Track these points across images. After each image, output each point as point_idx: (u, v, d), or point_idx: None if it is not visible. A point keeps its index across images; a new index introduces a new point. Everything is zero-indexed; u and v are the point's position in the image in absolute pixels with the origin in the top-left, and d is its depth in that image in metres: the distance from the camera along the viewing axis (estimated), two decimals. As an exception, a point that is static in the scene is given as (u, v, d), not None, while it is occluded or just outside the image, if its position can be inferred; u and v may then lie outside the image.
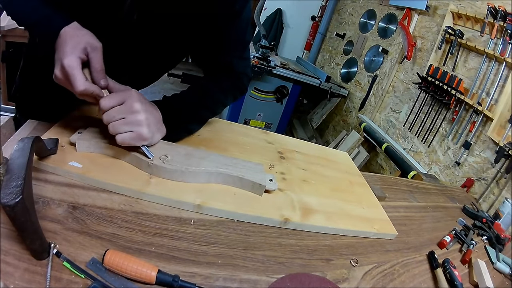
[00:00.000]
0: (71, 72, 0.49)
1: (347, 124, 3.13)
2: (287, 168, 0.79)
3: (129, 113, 0.55)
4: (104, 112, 0.54)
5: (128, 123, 0.55)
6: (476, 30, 1.86)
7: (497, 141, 1.54)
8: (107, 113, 0.54)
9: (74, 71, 0.50)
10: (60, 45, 0.51)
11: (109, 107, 0.54)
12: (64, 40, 0.51)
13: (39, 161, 0.53)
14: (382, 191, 0.88)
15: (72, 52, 0.50)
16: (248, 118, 3.14)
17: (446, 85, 1.90)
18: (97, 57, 0.53)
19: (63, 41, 0.51)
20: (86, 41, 0.52)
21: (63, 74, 0.50)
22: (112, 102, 0.54)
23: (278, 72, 2.89)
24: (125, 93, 0.56)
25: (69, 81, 0.50)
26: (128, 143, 0.56)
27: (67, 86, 0.52)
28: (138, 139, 0.56)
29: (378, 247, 0.67)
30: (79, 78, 0.50)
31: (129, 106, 0.55)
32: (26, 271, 0.37)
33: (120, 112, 0.54)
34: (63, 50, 0.50)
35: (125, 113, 0.55)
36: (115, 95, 0.55)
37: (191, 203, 0.56)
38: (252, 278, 0.48)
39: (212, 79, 0.80)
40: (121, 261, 0.40)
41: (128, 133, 0.55)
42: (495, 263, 0.79)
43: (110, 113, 0.54)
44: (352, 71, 3.23)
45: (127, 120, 0.55)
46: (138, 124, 0.56)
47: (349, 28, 3.44)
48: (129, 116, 0.55)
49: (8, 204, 0.33)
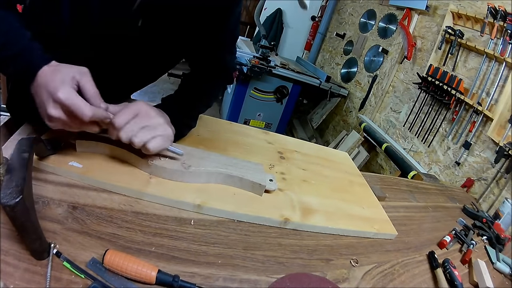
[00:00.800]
0: (72, 102, 0.45)
1: (347, 124, 3.13)
2: (287, 168, 0.79)
3: (148, 120, 0.54)
4: (120, 130, 0.52)
5: (152, 129, 0.54)
6: (476, 30, 1.86)
7: (497, 141, 1.54)
8: (124, 130, 0.52)
9: (75, 100, 0.45)
10: (43, 85, 0.46)
11: (125, 123, 0.52)
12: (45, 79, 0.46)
13: (39, 161, 0.53)
14: (382, 191, 0.88)
15: (63, 84, 0.45)
16: (248, 118, 3.14)
17: (446, 85, 1.90)
18: (89, 81, 0.49)
19: (45, 81, 0.46)
20: (72, 70, 0.48)
21: (62, 109, 0.45)
22: (126, 117, 0.52)
23: (278, 72, 2.89)
24: (133, 106, 0.54)
25: (71, 114, 0.46)
26: (161, 147, 0.55)
27: (68, 124, 0.47)
28: (167, 139, 0.56)
29: (378, 247, 0.67)
30: (83, 104, 0.45)
31: (145, 114, 0.54)
32: (26, 271, 0.37)
33: (138, 123, 0.53)
34: (51, 86, 0.45)
35: (144, 122, 0.53)
36: (125, 110, 0.53)
37: (191, 203, 0.56)
38: (252, 278, 0.48)
39: (205, 75, 0.81)
40: (121, 261, 0.40)
41: (157, 138, 0.54)
42: (495, 263, 0.79)
43: (127, 128, 0.52)
44: (352, 71, 3.23)
45: (150, 127, 0.54)
46: (161, 126, 0.56)
47: (349, 28, 3.44)
48: (150, 123, 0.54)
49: (8, 204, 0.33)
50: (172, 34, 0.70)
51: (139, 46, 0.69)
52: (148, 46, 0.70)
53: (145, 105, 0.56)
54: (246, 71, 2.73)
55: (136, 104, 0.55)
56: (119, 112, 0.53)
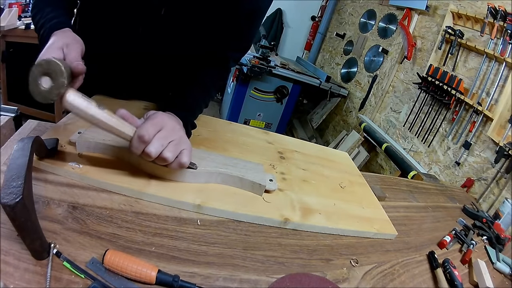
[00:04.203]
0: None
1: (347, 124, 3.13)
2: (287, 168, 0.79)
3: (173, 134, 0.53)
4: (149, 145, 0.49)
5: (179, 143, 0.54)
6: (476, 30, 1.86)
7: (497, 141, 1.54)
8: (153, 144, 0.50)
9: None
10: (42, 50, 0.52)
11: (153, 135, 0.50)
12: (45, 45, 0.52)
13: (39, 161, 0.53)
14: (382, 191, 0.88)
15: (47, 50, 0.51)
16: (248, 118, 3.14)
17: (446, 85, 1.90)
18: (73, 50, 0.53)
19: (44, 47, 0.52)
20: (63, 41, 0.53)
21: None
22: (153, 130, 0.50)
23: (278, 72, 2.89)
24: (157, 119, 0.53)
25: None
26: (190, 160, 0.55)
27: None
28: (191, 153, 0.56)
29: (378, 247, 0.67)
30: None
31: (170, 128, 0.54)
32: (26, 271, 0.37)
33: (166, 137, 0.52)
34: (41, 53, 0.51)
35: (171, 136, 0.53)
36: (151, 123, 0.51)
37: (191, 203, 0.56)
38: (252, 278, 0.48)
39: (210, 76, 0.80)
40: (121, 261, 0.40)
41: (184, 152, 0.54)
42: (495, 263, 0.79)
43: (157, 142, 0.50)
44: (352, 71, 3.23)
45: (176, 141, 0.53)
46: (184, 139, 0.56)
47: (349, 28, 3.44)
48: (176, 137, 0.53)
49: (8, 204, 0.33)
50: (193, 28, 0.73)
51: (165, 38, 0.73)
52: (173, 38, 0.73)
53: (167, 118, 0.56)
54: (246, 71, 2.73)
55: (159, 116, 0.54)
56: (144, 124, 0.51)
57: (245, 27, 0.76)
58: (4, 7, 2.06)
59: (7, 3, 2.16)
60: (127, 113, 0.52)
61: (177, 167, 0.55)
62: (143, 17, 0.70)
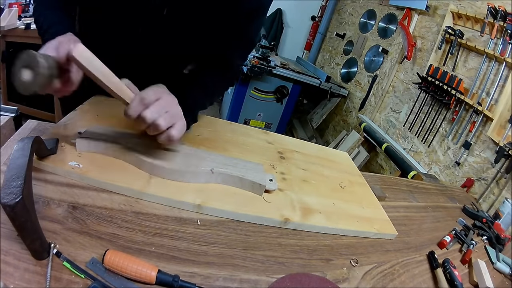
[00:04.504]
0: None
1: (347, 124, 3.13)
2: (287, 168, 0.79)
3: (171, 106, 0.54)
4: (146, 109, 0.51)
5: (173, 116, 0.54)
6: (476, 30, 1.86)
7: (497, 141, 1.54)
8: (150, 109, 0.51)
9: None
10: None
11: (154, 100, 0.51)
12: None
13: (39, 161, 0.53)
14: (382, 191, 0.88)
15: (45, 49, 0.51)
16: (248, 118, 3.14)
17: (446, 85, 1.90)
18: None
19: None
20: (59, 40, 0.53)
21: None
22: (153, 96, 0.51)
23: (278, 72, 2.89)
24: (157, 88, 0.54)
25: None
26: (180, 136, 0.55)
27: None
28: (184, 129, 0.57)
29: (378, 247, 0.67)
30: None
31: (169, 100, 0.55)
32: (26, 271, 0.37)
33: (163, 107, 0.52)
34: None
35: (168, 107, 0.53)
36: (152, 90, 0.53)
37: (191, 203, 0.56)
38: (252, 278, 0.48)
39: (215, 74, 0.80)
40: (121, 261, 0.40)
41: (177, 125, 0.54)
42: (495, 263, 0.79)
43: (154, 108, 0.51)
44: (352, 71, 3.23)
45: (171, 113, 0.54)
46: (180, 115, 0.56)
47: (349, 28, 3.44)
48: (172, 109, 0.54)
49: (8, 204, 0.33)
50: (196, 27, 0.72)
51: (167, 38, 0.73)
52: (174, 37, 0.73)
53: (168, 92, 0.56)
54: (246, 71, 2.73)
55: (161, 87, 0.55)
56: (145, 90, 0.52)
57: (247, 25, 0.75)
58: (4, 7, 2.06)
59: (7, 3, 2.16)
60: (130, 83, 0.54)
61: (166, 140, 0.55)
62: (145, 18, 0.70)
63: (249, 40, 0.81)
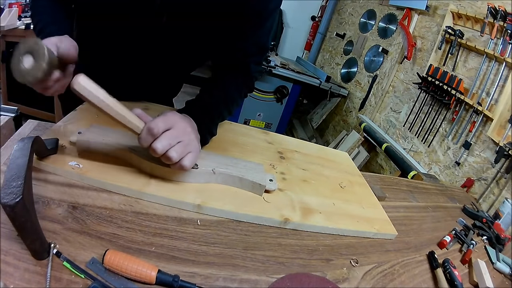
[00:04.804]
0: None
1: (347, 124, 3.13)
2: (287, 168, 0.79)
3: (183, 135, 0.53)
4: (156, 140, 0.49)
5: (186, 145, 0.53)
6: (476, 30, 1.86)
7: (497, 141, 1.54)
8: (160, 140, 0.49)
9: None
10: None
11: (162, 132, 0.50)
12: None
13: (39, 161, 0.53)
14: (382, 191, 0.88)
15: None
16: (248, 118, 3.14)
17: (446, 85, 1.90)
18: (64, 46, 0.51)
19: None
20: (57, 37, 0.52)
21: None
22: (163, 125, 0.50)
23: (278, 72, 2.89)
24: (169, 116, 0.53)
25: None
26: (192, 165, 0.55)
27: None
28: (196, 157, 0.56)
29: (378, 247, 0.67)
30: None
31: (181, 129, 0.53)
32: (26, 271, 0.37)
33: (175, 137, 0.51)
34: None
35: (181, 136, 0.52)
36: (162, 119, 0.51)
37: (191, 203, 0.56)
38: (252, 278, 0.48)
39: (230, 81, 0.79)
40: (121, 261, 0.40)
41: (189, 155, 0.54)
42: (495, 263, 0.79)
43: (164, 139, 0.50)
44: (352, 71, 3.23)
45: (184, 142, 0.53)
46: (194, 142, 0.55)
47: (349, 28, 3.44)
48: (185, 138, 0.53)
49: (8, 204, 0.33)
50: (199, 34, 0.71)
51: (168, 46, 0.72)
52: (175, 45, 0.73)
53: (180, 118, 0.56)
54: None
55: (172, 115, 0.54)
56: (155, 119, 0.51)
57: (256, 30, 0.74)
58: (4, 7, 2.06)
59: (7, 3, 2.16)
60: (142, 112, 0.52)
61: (178, 169, 0.55)
62: (143, 26, 0.68)
63: (260, 46, 0.79)
